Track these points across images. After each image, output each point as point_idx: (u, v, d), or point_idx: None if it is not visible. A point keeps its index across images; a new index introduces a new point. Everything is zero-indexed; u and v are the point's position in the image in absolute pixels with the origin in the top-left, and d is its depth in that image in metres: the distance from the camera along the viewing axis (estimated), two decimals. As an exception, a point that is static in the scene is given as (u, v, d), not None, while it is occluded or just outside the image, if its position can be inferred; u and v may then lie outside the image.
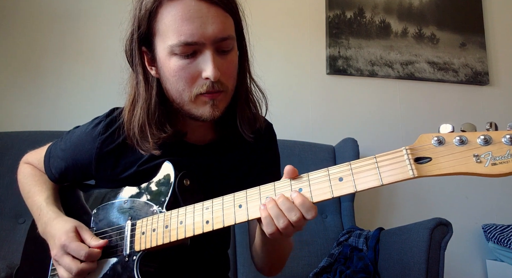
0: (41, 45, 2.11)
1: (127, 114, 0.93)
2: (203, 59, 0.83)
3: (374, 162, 0.66)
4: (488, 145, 0.57)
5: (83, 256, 0.85)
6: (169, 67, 0.85)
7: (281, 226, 0.72)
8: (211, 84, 0.83)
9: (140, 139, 0.91)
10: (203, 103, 0.86)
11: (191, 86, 0.85)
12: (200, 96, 0.86)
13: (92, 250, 0.87)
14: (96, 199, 1.00)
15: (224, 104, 0.89)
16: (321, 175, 0.71)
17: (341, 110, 2.35)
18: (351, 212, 1.97)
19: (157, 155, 0.94)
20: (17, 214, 1.68)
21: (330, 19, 2.39)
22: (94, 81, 2.12)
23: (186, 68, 0.84)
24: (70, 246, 0.87)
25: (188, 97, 0.86)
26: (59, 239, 0.88)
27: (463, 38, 2.52)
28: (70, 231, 0.89)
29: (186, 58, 0.83)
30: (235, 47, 0.89)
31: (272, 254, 0.98)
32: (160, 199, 0.89)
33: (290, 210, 0.71)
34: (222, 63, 0.85)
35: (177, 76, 0.85)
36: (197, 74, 0.84)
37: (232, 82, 0.90)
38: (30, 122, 2.00)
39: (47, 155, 1.08)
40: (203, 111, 0.87)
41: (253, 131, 0.97)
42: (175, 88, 0.86)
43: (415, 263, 1.38)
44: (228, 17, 0.85)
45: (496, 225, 2.18)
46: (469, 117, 2.43)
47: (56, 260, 0.89)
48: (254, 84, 1.00)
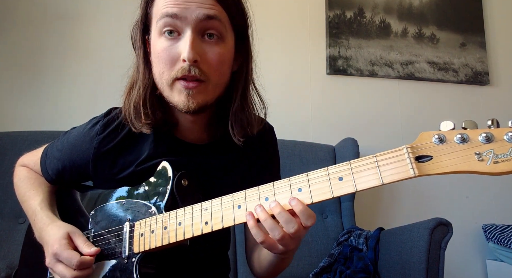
0: (41, 46, 2.11)
1: (125, 96, 0.94)
2: (183, 40, 0.82)
3: (374, 161, 0.65)
4: (490, 142, 0.56)
5: (74, 264, 0.84)
6: (155, 48, 0.85)
7: (277, 237, 0.70)
8: (187, 68, 0.81)
9: (134, 117, 0.91)
10: (179, 92, 0.84)
11: (169, 68, 0.84)
12: (176, 82, 0.84)
13: (84, 258, 0.85)
14: (94, 200, 0.99)
15: (203, 98, 0.85)
16: (320, 174, 0.70)
17: (341, 110, 2.34)
18: (351, 212, 1.96)
19: (155, 154, 0.94)
20: (17, 214, 1.68)
21: (330, 19, 2.39)
22: (94, 81, 2.12)
23: (168, 49, 0.83)
24: (61, 255, 0.86)
25: (166, 81, 0.85)
26: (51, 247, 0.88)
27: (463, 38, 2.52)
28: (62, 238, 0.88)
29: (170, 40, 0.83)
30: (227, 40, 0.87)
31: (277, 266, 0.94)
32: (158, 200, 0.88)
33: (288, 222, 0.70)
34: (205, 48, 0.84)
35: (159, 58, 0.85)
36: (177, 56, 0.83)
37: (216, 75, 0.86)
38: (30, 122, 2.00)
39: (43, 156, 1.06)
40: (178, 100, 0.85)
41: (247, 136, 0.95)
42: (157, 70, 0.86)
43: (415, 263, 1.37)
44: (217, 5, 0.84)
45: (496, 225, 2.18)
46: (469, 117, 2.39)
47: (50, 267, 0.88)
48: (255, 92, 0.98)
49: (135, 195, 0.93)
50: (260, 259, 0.97)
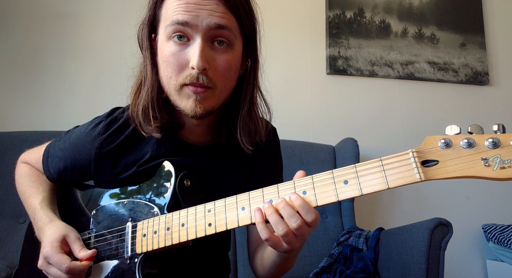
0: (41, 46, 2.10)
1: (133, 96, 0.94)
2: (193, 47, 0.82)
3: (379, 165, 0.65)
4: (497, 148, 0.56)
5: (64, 269, 0.83)
6: (163, 52, 0.85)
7: (280, 233, 0.71)
8: (196, 75, 0.81)
9: (143, 120, 0.90)
10: (187, 96, 0.84)
11: (177, 74, 0.83)
12: (184, 88, 0.83)
13: (75, 263, 0.85)
14: (95, 200, 0.99)
15: (210, 103, 0.85)
16: (325, 177, 0.70)
17: (341, 110, 2.34)
18: (351, 212, 1.97)
19: (157, 155, 0.93)
20: (17, 214, 1.67)
21: (330, 19, 2.39)
22: (94, 81, 2.12)
23: (177, 55, 0.83)
24: (52, 258, 0.85)
25: (174, 86, 0.84)
26: (43, 249, 0.87)
27: (463, 38, 2.52)
28: (55, 240, 0.88)
29: (179, 45, 0.82)
30: (236, 47, 0.87)
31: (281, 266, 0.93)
32: (161, 200, 0.88)
33: (291, 216, 0.70)
34: (214, 56, 0.83)
35: (167, 62, 0.84)
36: (186, 63, 0.82)
37: (222, 82, 0.85)
38: (30, 122, 2.00)
39: (45, 154, 1.06)
40: (185, 105, 0.84)
41: (255, 143, 0.95)
42: (165, 74, 0.86)
43: (415, 263, 1.38)
44: (228, 13, 0.83)
45: (496, 225, 2.18)
46: (469, 117, 2.43)
47: (43, 270, 0.88)
48: (261, 97, 0.98)
49: (137, 195, 0.93)
50: (263, 260, 0.97)
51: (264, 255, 0.97)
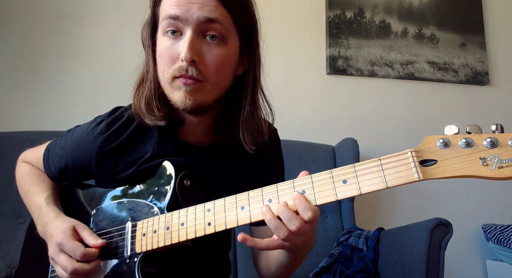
0: (42, 46, 2.11)
1: (135, 90, 0.95)
2: (183, 40, 0.83)
3: (378, 164, 0.65)
4: (495, 147, 0.56)
5: (78, 255, 0.84)
6: (159, 47, 0.87)
7: (293, 228, 0.70)
8: (185, 67, 0.82)
9: (146, 111, 0.91)
10: (178, 88, 0.84)
11: (169, 67, 0.85)
12: (176, 80, 0.84)
13: (88, 249, 0.86)
14: (96, 199, 0.99)
15: (201, 97, 0.85)
16: (324, 177, 0.70)
17: (341, 110, 2.34)
18: (351, 212, 1.97)
19: (157, 154, 0.94)
20: (17, 214, 1.68)
21: (330, 19, 2.39)
22: (95, 81, 2.12)
23: (169, 48, 0.84)
24: (66, 245, 0.86)
25: (166, 79, 0.86)
26: (56, 237, 0.88)
27: (463, 38, 2.52)
28: (67, 229, 0.88)
29: (172, 39, 0.84)
30: (230, 42, 0.87)
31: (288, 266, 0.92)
32: (161, 199, 0.88)
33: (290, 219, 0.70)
34: (205, 50, 0.84)
35: (161, 56, 0.86)
36: (177, 56, 0.83)
37: (214, 76, 0.85)
38: (30, 122, 2.00)
39: (46, 153, 1.07)
40: (177, 97, 0.85)
41: (258, 144, 0.95)
42: (159, 69, 0.88)
43: (415, 263, 1.38)
44: (221, 7, 0.84)
45: (496, 225, 2.18)
46: (469, 117, 2.43)
47: (53, 258, 0.88)
48: (263, 98, 0.98)
49: (137, 195, 0.93)
50: (268, 261, 0.97)
51: (269, 255, 0.96)
